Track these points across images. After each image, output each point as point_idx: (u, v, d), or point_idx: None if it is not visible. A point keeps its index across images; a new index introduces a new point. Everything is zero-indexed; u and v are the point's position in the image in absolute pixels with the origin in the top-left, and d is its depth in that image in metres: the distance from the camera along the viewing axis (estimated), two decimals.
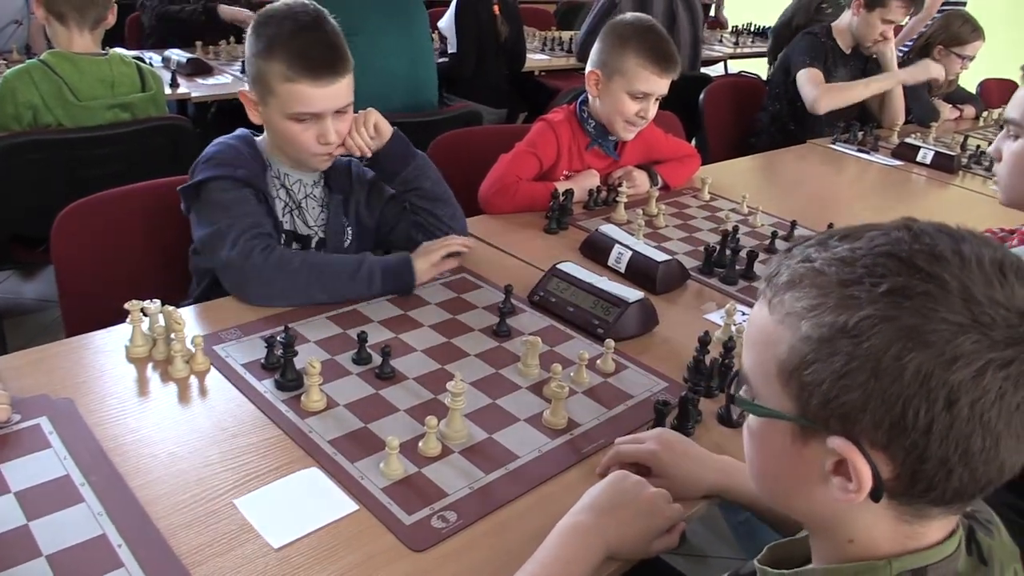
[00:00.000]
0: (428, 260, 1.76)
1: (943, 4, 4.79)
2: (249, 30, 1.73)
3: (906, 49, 4.40)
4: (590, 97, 2.42)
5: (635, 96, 2.31)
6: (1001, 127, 1.73)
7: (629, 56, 2.28)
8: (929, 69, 3.75)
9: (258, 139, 1.83)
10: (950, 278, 0.66)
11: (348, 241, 1.89)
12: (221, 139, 1.77)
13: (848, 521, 0.74)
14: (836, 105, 3.50)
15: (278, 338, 1.40)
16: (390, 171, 1.87)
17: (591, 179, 2.41)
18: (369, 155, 1.82)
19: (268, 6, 1.74)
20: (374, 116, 1.81)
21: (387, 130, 1.83)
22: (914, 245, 0.69)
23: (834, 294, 0.69)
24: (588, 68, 2.40)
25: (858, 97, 3.61)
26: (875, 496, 0.69)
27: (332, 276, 1.65)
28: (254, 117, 1.78)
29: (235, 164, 1.71)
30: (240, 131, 1.82)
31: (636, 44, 2.28)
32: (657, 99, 2.36)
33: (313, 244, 1.85)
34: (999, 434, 0.66)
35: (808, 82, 3.52)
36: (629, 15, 2.41)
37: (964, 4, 5.09)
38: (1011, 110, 1.66)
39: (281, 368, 1.38)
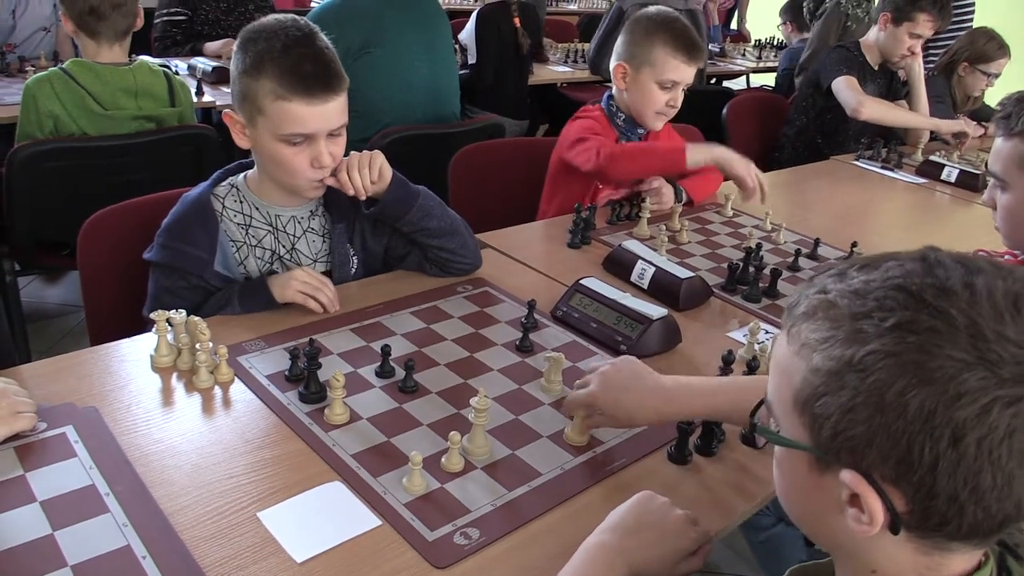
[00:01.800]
0: (288, 287, 1.62)
1: (962, 15, 4.77)
2: (235, 47, 1.63)
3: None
4: (616, 91, 2.45)
5: (664, 86, 2.37)
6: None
7: (657, 46, 2.33)
8: (963, 125, 3.72)
9: (238, 179, 1.75)
10: (957, 313, 0.65)
11: (354, 269, 1.85)
12: (180, 202, 1.70)
13: (869, 551, 0.74)
14: (878, 115, 3.50)
15: (302, 350, 1.41)
16: (393, 217, 1.76)
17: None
18: (363, 197, 1.70)
19: (256, 22, 1.64)
20: (380, 159, 1.69)
21: (388, 175, 1.71)
22: (926, 279, 0.68)
23: (844, 327, 0.70)
24: (614, 62, 2.44)
25: (896, 121, 3.63)
26: (893, 529, 0.69)
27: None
28: (240, 141, 1.68)
29: (177, 247, 1.64)
30: (203, 188, 1.71)
31: (663, 34, 2.33)
32: (684, 88, 2.40)
33: None
34: (1011, 472, 0.65)
35: (847, 88, 3.52)
36: (651, 8, 2.45)
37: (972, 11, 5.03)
38: (992, 162, 1.66)
39: (305, 380, 1.39)
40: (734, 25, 8.38)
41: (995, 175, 1.65)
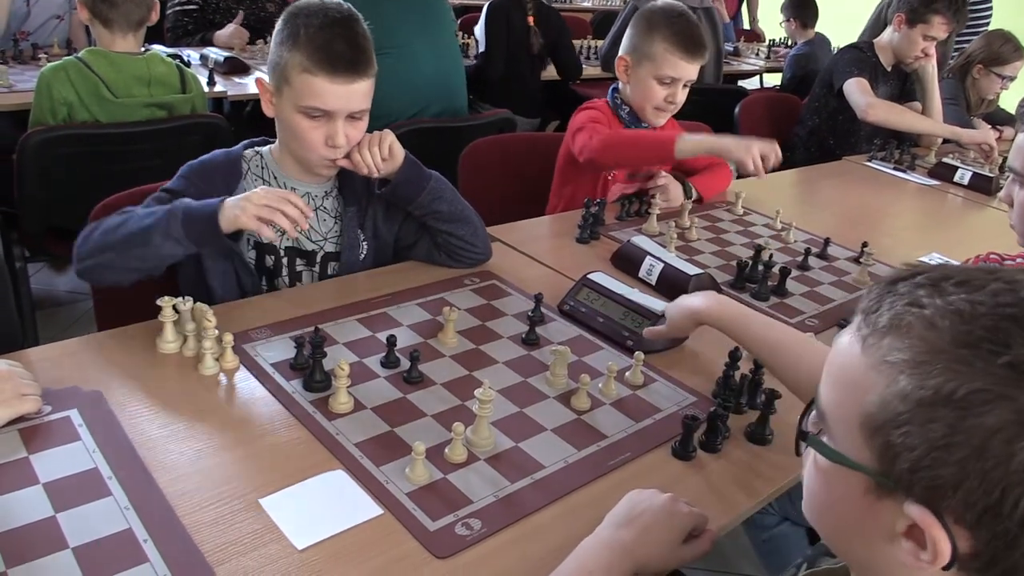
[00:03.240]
0: (244, 211, 1.51)
1: (976, 20, 4.74)
2: (280, 20, 1.68)
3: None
4: (621, 84, 2.45)
5: (663, 81, 2.36)
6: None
7: (657, 41, 2.32)
8: (987, 136, 3.64)
9: (264, 149, 1.80)
10: None
11: (364, 254, 1.85)
12: (213, 153, 1.75)
13: None
14: (887, 118, 3.47)
15: (307, 339, 1.40)
16: (405, 198, 1.77)
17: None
18: (376, 175, 1.72)
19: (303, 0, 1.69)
20: (390, 138, 1.71)
21: (400, 154, 1.73)
22: None
23: (945, 355, 0.63)
24: (619, 54, 2.43)
25: (907, 125, 3.57)
26: (947, 567, 0.65)
27: (131, 226, 1.53)
28: (267, 109, 1.73)
29: (195, 182, 1.68)
30: (237, 147, 1.79)
31: (664, 30, 2.32)
32: (686, 85, 2.39)
33: (319, 258, 1.80)
34: None
35: (858, 90, 3.51)
36: (659, 2, 2.43)
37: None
38: (1012, 159, 1.64)
39: (310, 369, 1.39)
40: (747, 24, 8.34)
41: (1014, 170, 1.63)
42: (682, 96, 2.40)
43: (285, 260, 1.78)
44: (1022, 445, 0.59)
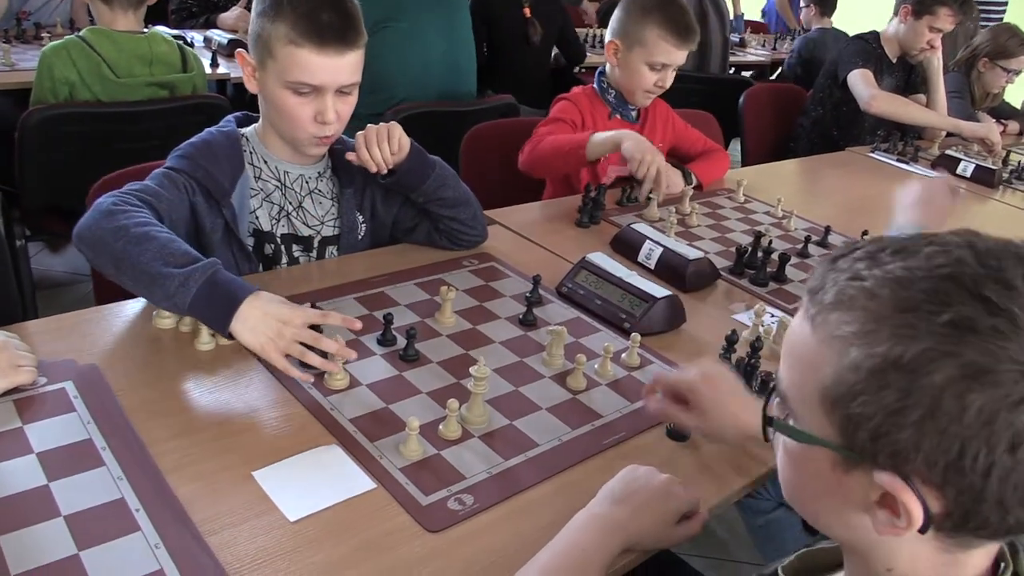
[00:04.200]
0: (275, 340, 1.30)
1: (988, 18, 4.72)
2: None
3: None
4: (608, 68, 2.45)
5: (654, 67, 2.37)
6: None
7: (650, 26, 2.32)
8: (990, 131, 3.62)
9: (247, 130, 1.72)
10: (1020, 312, 0.61)
11: (362, 235, 1.83)
12: (207, 131, 1.66)
13: (889, 550, 0.71)
14: (889, 110, 3.46)
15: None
16: (409, 187, 1.75)
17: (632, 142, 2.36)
18: (385, 171, 1.69)
19: None
20: (398, 131, 1.68)
21: (407, 146, 1.69)
22: (979, 269, 0.63)
23: (888, 321, 0.64)
24: (607, 38, 2.43)
25: (910, 118, 3.55)
26: (922, 530, 0.65)
27: (145, 256, 1.32)
28: (249, 84, 1.64)
29: (203, 164, 1.58)
30: (228, 125, 1.69)
31: (658, 15, 2.32)
32: (674, 69, 2.40)
33: (316, 243, 1.76)
34: None
35: (862, 81, 3.50)
36: None
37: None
38: None
39: (309, 347, 1.36)
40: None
41: None
42: (670, 79, 2.42)
43: (284, 247, 1.74)
44: (972, 398, 0.60)
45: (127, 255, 1.33)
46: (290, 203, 1.73)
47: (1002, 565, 0.73)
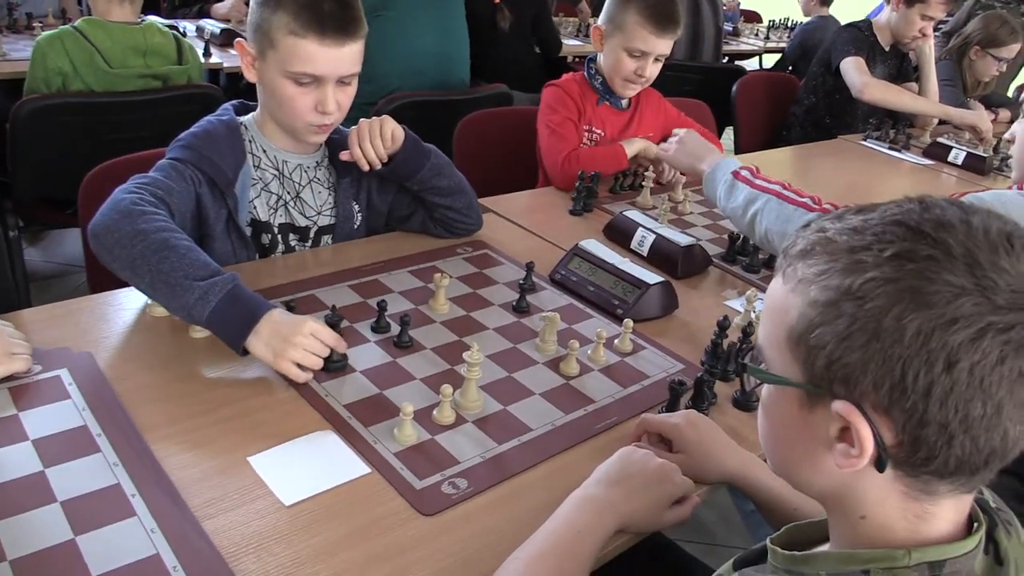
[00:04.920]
0: (286, 351, 1.28)
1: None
2: None
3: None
4: (597, 55, 2.45)
5: (632, 54, 2.34)
6: None
7: (630, 13, 2.31)
8: (979, 119, 3.62)
9: (246, 119, 1.71)
10: (955, 244, 0.66)
11: (358, 224, 1.83)
12: (206, 120, 1.65)
13: (857, 494, 0.74)
14: (881, 98, 3.47)
15: (323, 318, 1.38)
16: (405, 176, 1.75)
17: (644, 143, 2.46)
18: (379, 167, 1.70)
19: None
20: (390, 124, 1.68)
21: (401, 137, 1.70)
22: (924, 214, 0.69)
23: (842, 259, 0.70)
24: (596, 23, 2.43)
25: (901, 105, 3.56)
26: (880, 466, 0.69)
27: (165, 266, 1.30)
28: (248, 74, 1.64)
29: (207, 154, 1.57)
30: (227, 114, 1.69)
31: (639, 2, 2.31)
32: (657, 59, 2.37)
33: (312, 233, 1.77)
34: (1000, 401, 0.66)
35: (854, 69, 3.51)
36: None
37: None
38: None
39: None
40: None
41: None
42: (652, 70, 2.38)
43: (280, 237, 1.74)
44: (910, 318, 0.65)
45: (146, 261, 1.31)
46: (288, 193, 1.73)
47: (975, 524, 0.75)
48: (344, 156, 1.68)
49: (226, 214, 1.62)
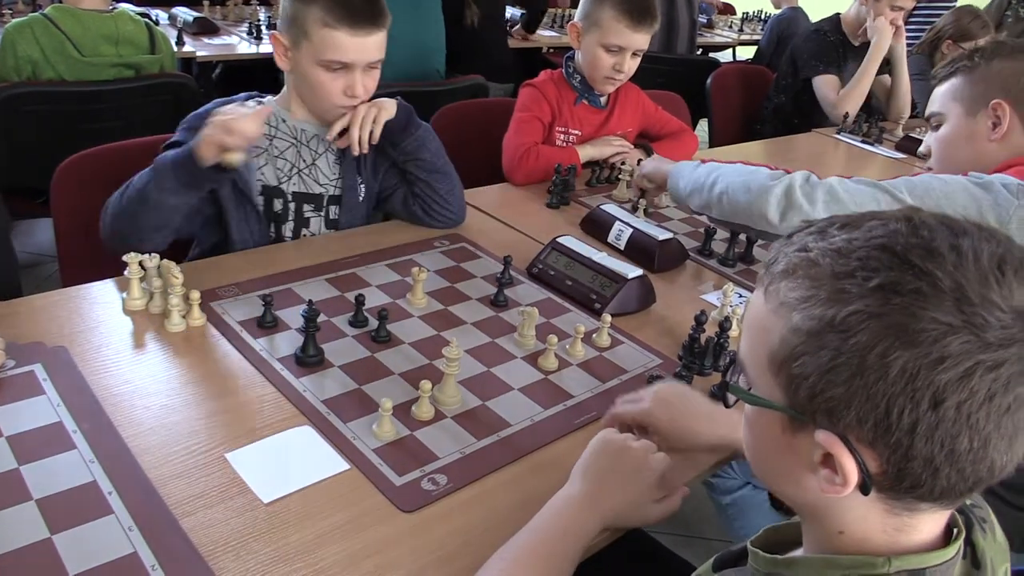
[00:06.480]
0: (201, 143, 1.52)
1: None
2: None
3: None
4: (576, 52, 2.45)
5: (609, 49, 2.34)
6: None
7: (605, 8, 2.31)
8: (882, 30, 3.53)
9: (267, 99, 1.80)
10: (943, 275, 0.64)
11: (361, 196, 1.89)
12: (215, 103, 1.71)
13: (838, 512, 0.74)
14: (855, 103, 3.50)
15: (300, 313, 1.36)
16: (392, 140, 1.82)
17: (610, 146, 2.46)
18: (360, 152, 1.77)
19: None
20: (385, 115, 1.77)
21: (392, 107, 1.79)
22: (911, 239, 0.67)
23: (826, 286, 0.68)
24: (572, 20, 2.43)
25: (867, 86, 3.58)
26: (864, 490, 0.68)
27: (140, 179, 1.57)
28: (281, 62, 1.76)
29: (196, 124, 1.62)
30: (243, 96, 1.77)
31: None
32: (635, 54, 2.37)
33: (325, 202, 1.84)
34: (988, 435, 0.65)
35: (825, 86, 3.56)
36: None
37: None
38: (930, 108, 1.82)
39: (303, 344, 1.35)
40: None
41: (934, 114, 1.79)
42: (631, 65, 2.38)
43: (292, 205, 1.81)
44: (895, 356, 0.64)
45: (124, 203, 1.56)
46: (303, 160, 1.81)
47: (955, 531, 0.75)
48: (341, 144, 1.79)
49: (231, 183, 1.68)
